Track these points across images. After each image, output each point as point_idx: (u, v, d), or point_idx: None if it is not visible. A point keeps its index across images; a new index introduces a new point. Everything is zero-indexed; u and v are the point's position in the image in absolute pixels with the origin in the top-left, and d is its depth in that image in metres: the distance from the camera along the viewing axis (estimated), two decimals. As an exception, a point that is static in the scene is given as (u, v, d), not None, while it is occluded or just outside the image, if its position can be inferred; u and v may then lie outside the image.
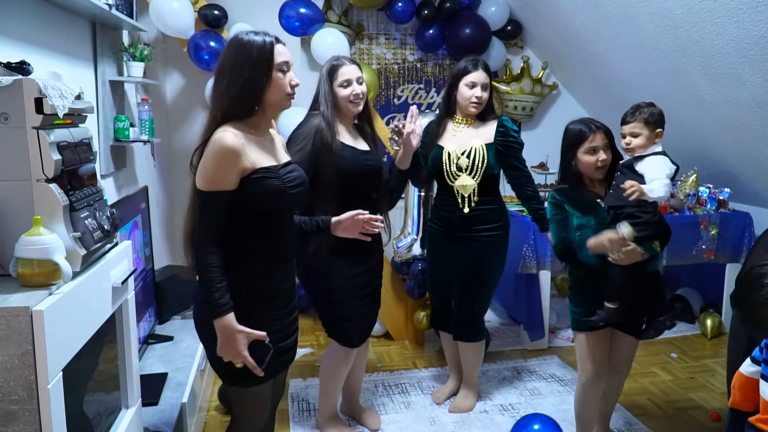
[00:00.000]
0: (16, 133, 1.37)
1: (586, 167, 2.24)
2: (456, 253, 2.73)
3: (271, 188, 1.62)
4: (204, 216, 1.57)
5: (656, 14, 3.09)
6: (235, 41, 1.62)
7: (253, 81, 1.59)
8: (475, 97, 2.62)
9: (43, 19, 2.24)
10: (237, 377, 1.68)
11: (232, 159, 1.55)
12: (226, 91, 1.60)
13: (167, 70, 4.16)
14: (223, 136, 1.55)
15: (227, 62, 1.60)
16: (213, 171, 1.55)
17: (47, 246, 1.33)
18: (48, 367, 1.25)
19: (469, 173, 2.64)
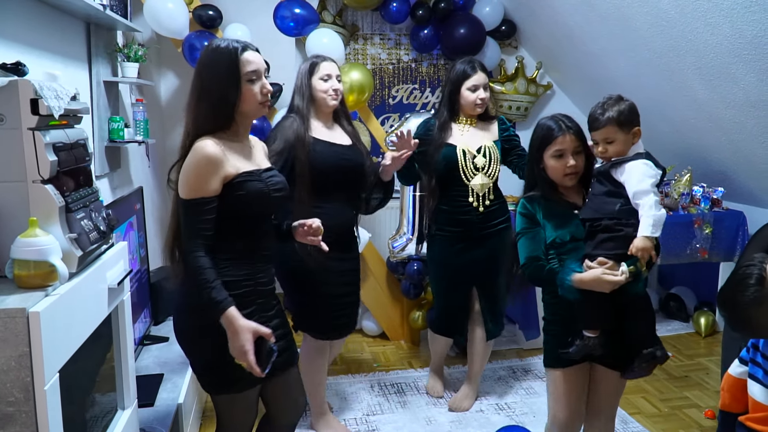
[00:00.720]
0: (12, 134, 1.37)
1: (553, 173, 1.93)
2: (476, 254, 2.72)
3: (255, 191, 1.63)
4: (189, 224, 1.57)
5: (650, 14, 3.10)
6: (206, 52, 1.62)
7: (223, 98, 1.59)
8: (479, 99, 2.68)
9: (38, 19, 2.23)
10: (222, 386, 1.68)
11: (213, 166, 1.56)
12: (198, 107, 1.60)
13: (161, 71, 4.15)
14: (203, 144, 1.56)
15: (198, 75, 1.62)
16: (195, 179, 1.56)
17: (43, 247, 1.33)
18: (44, 369, 1.24)
19: (485, 172, 2.69)
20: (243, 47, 1.61)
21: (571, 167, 1.89)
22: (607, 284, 1.75)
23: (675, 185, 3.82)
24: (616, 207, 1.83)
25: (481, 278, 2.79)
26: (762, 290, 1.51)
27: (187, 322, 1.68)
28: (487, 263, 2.75)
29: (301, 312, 2.53)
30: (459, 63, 2.73)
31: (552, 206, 1.94)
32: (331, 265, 2.40)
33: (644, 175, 1.81)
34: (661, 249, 1.88)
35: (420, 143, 2.56)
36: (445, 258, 2.79)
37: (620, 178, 1.84)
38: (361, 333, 3.86)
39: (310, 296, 2.46)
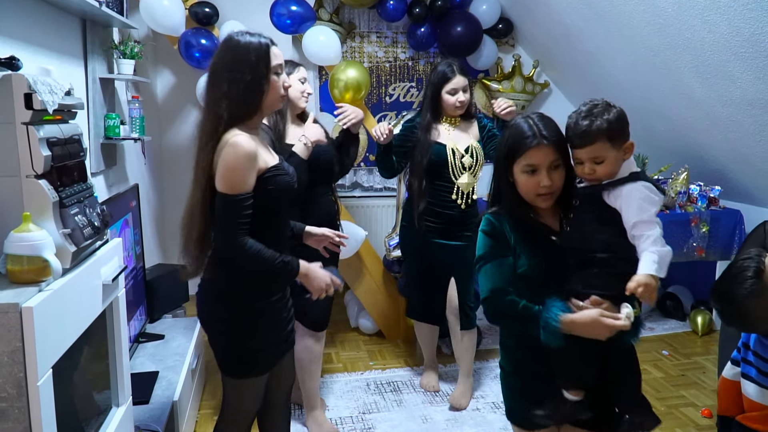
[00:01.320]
0: (5, 128, 1.36)
1: (524, 189, 1.56)
2: (453, 248, 2.81)
3: (283, 184, 1.70)
4: (230, 218, 1.58)
5: (647, 12, 3.10)
6: (231, 43, 1.63)
7: (254, 84, 1.61)
8: (458, 102, 2.75)
9: (33, 15, 2.22)
10: (241, 369, 1.75)
11: (251, 162, 1.59)
12: (228, 94, 1.60)
13: (158, 68, 4.14)
14: (239, 140, 1.57)
15: (225, 64, 1.61)
16: (235, 175, 1.57)
17: (37, 242, 1.32)
18: (38, 365, 1.24)
19: (471, 171, 2.77)
20: (271, 41, 1.67)
21: (545, 187, 1.51)
22: (605, 329, 1.43)
23: (672, 184, 3.83)
24: (609, 237, 1.51)
25: (457, 270, 2.87)
26: (759, 282, 1.50)
27: (212, 310, 1.73)
28: (463, 255, 2.79)
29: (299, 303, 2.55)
30: (440, 65, 2.79)
31: (521, 228, 1.58)
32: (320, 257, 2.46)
33: (646, 203, 1.49)
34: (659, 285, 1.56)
35: (404, 141, 2.77)
36: (422, 247, 2.87)
37: (615, 204, 1.52)
38: (357, 331, 3.85)
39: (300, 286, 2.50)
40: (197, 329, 3.01)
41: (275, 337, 1.78)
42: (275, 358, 1.81)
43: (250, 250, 1.60)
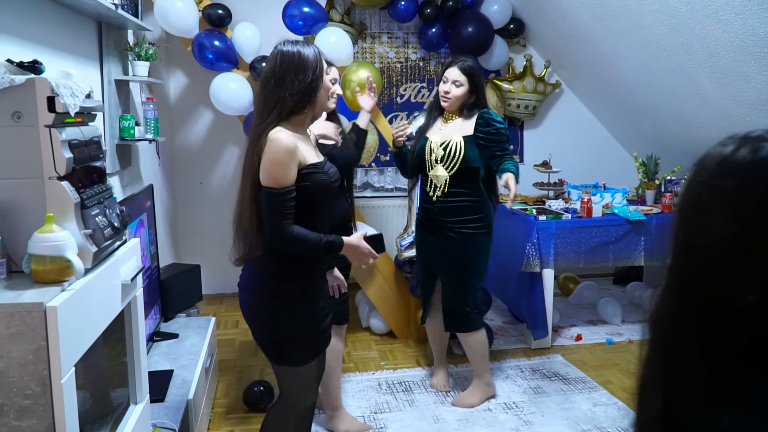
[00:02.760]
0: (29, 131, 1.38)
1: None
2: (438, 243, 2.84)
3: (320, 182, 1.78)
4: (275, 210, 1.69)
5: (660, 12, 3.10)
6: (291, 52, 1.75)
7: (314, 83, 1.76)
8: (443, 91, 2.76)
9: (51, 19, 2.25)
10: (286, 357, 1.83)
11: (292, 156, 1.69)
12: (290, 92, 1.73)
13: (171, 70, 4.17)
14: (279, 137, 1.68)
15: (288, 68, 1.73)
16: (278, 169, 1.68)
17: (59, 243, 1.34)
18: (61, 363, 1.26)
19: (443, 164, 2.76)
20: (319, 49, 1.82)
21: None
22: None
23: (684, 184, 3.81)
24: None
25: (441, 267, 2.88)
26: None
27: (255, 300, 1.82)
28: (448, 255, 2.82)
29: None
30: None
31: None
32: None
33: None
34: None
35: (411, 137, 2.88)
36: (417, 241, 3.01)
37: None
38: (369, 331, 3.87)
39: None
40: (210, 328, 3.04)
41: (317, 327, 1.87)
42: (317, 347, 1.90)
43: (296, 238, 1.71)
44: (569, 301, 4.46)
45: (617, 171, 4.63)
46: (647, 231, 3.60)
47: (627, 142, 4.82)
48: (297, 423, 1.96)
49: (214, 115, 4.19)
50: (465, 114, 2.78)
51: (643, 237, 3.60)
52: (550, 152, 4.15)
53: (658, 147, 4.17)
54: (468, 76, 2.74)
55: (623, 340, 3.77)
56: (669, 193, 3.79)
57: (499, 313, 4.21)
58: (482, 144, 2.71)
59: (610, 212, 3.69)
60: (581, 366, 3.38)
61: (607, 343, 3.74)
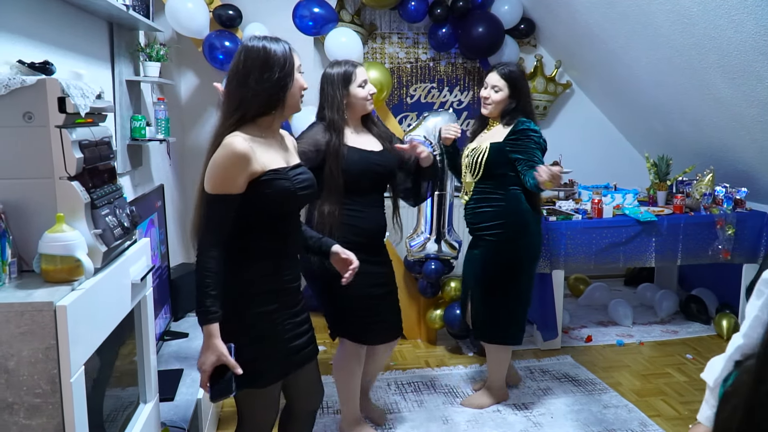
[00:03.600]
0: (40, 131, 1.39)
1: None
2: (472, 254, 2.85)
3: (281, 189, 1.65)
4: (210, 218, 1.59)
5: (672, 12, 3.07)
6: (258, 47, 1.64)
7: (281, 81, 1.63)
8: (483, 96, 2.75)
9: (64, 20, 2.27)
10: (246, 381, 1.67)
11: (240, 163, 1.57)
12: (254, 92, 1.62)
13: (181, 70, 4.19)
14: (232, 141, 1.57)
15: (252, 66, 1.62)
16: (222, 175, 1.57)
17: (70, 243, 1.35)
18: (71, 362, 1.27)
19: (470, 170, 2.76)
20: (290, 45, 1.70)
21: None
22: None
23: (697, 185, 3.78)
24: None
25: (471, 276, 2.87)
26: None
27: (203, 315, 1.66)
28: (477, 264, 2.81)
29: (335, 316, 2.49)
30: None
31: None
32: (362, 267, 2.37)
33: None
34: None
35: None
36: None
37: None
38: (378, 331, 3.87)
39: (342, 300, 2.41)
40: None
41: (277, 348, 1.71)
42: (282, 369, 1.75)
43: (204, 262, 1.57)
44: (579, 303, 4.44)
45: (628, 171, 4.59)
46: (658, 232, 3.57)
47: (638, 143, 4.78)
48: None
49: (224, 115, 4.20)
50: (506, 120, 2.73)
51: (654, 238, 3.57)
52: (561, 153, 4.13)
53: (670, 147, 4.14)
54: (508, 81, 2.69)
55: (634, 341, 3.74)
56: (680, 194, 3.76)
57: (509, 314, 4.19)
58: (509, 150, 2.66)
59: (621, 213, 3.67)
60: (591, 367, 3.36)
61: (617, 344, 3.72)
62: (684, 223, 3.60)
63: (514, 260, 2.75)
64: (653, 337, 3.82)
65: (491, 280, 2.78)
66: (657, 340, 3.79)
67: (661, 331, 3.92)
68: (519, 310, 2.82)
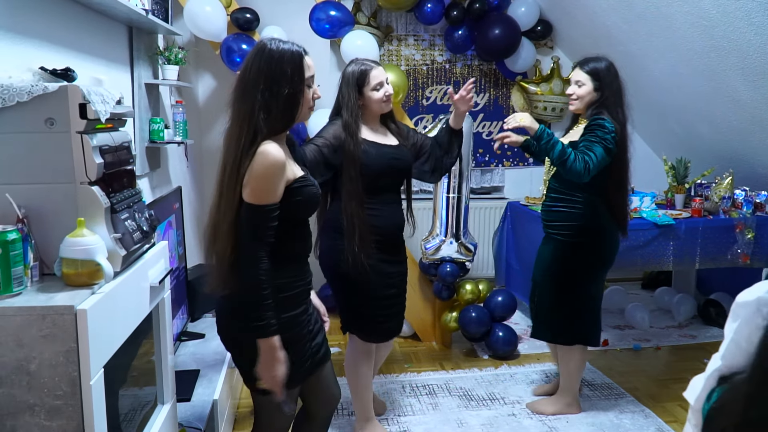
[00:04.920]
0: (61, 137, 1.41)
1: None
2: (543, 246, 2.81)
3: (310, 195, 1.67)
4: (255, 229, 1.56)
5: (691, 14, 3.04)
6: (265, 51, 1.59)
7: (291, 98, 1.59)
8: (567, 93, 2.72)
9: (84, 25, 2.30)
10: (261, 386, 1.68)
11: (281, 172, 1.56)
12: (265, 107, 1.57)
13: (199, 73, 4.23)
14: (268, 149, 1.54)
15: (260, 74, 1.58)
16: (265, 185, 1.55)
17: (90, 247, 1.37)
18: (91, 364, 1.29)
19: (547, 168, 2.75)
20: (304, 50, 1.63)
21: None
22: None
23: (716, 188, 3.74)
24: None
25: (538, 274, 2.83)
26: None
27: (234, 325, 1.69)
28: (542, 262, 2.78)
29: (351, 313, 2.51)
30: None
31: None
32: (381, 267, 2.40)
33: None
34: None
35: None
36: None
37: None
38: (393, 333, 3.87)
39: (360, 298, 2.44)
40: (236, 329, 3.07)
41: (299, 352, 1.72)
42: (303, 374, 1.76)
43: (257, 274, 1.55)
44: (596, 306, 4.40)
45: (646, 174, 4.53)
46: (676, 235, 3.54)
47: (656, 145, 4.74)
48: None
49: (241, 117, 4.23)
50: (589, 115, 2.63)
51: (672, 241, 3.54)
52: (577, 155, 4.10)
53: (688, 150, 4.09)
54: (591, 75, 2.64)
55: (651, 346, 3.71)
56: (699, 197, 3.72)
57: (525, 317, 4.17)
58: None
59: (639, 216, 3.63)
60: (607, 372, 3.34)
61: (634, 348, 3.69)
62: (702, 226, 3.56)
63: (581, 263, 2.69)
64: (671, 342, 3.78)
65: (555, 279, 2.73)
66: (675, 344, 3.75)
67: (678, 336, 3.88)
68: (582, 311, 2.75)
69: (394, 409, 2.93)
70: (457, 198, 3.43)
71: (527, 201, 4.07)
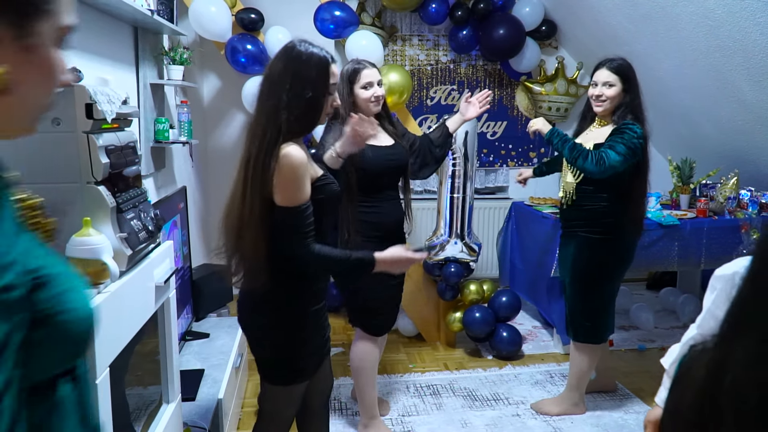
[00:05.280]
0: (68, 137, 1.42)
1: None
2: (563, 251, 2.83)
3: (332, 193, 1.72)
4: (297, 228, 1.60)
5: (696, 14, 3.04)
6: (294, 53, 1.61)
7: (314, 103, 1.62)
8: (594, 95, 2.65)
9: (90, 25, 2.31)
10: (286, 377, 1.77)
11: (306, 171, 1.61)
12: (288, 108, 1.59)
13: (204, 73, 4.24)
14: (291, 152, 1.57)
15: (286, 74, 1.60)
16: (294, 187, 1.59)
17: (96, 246, 1.37)
18: (97, 363, 1.29)
19: (571, 171, 2.70)
20: (332, 58, 1.66)
21: None
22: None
23: (721, 189, 3.72)
24: None
25: (563, 273, 2.87)
26: None
27: (257, 319, 1.75)
28: (566, 260, 2.79)
29: (360, 309, 2.60)
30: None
31: None
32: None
33: None
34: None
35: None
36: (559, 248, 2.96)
37: None
38: (397, 333, 3.87)
39: (368, 293, 2.52)
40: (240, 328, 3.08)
41: (317, 344, 1.80)
42: (317, 365, 1.84)
43: (321, 256, 1.64)
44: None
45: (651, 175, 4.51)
46: (681, 236, 3.53)
47: (661, 146, 4.72)
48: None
49: (246, 117, 4.24)
50: (617, 117, 2.60)
51: (677, 242, 3.52)
52: (582, 155, 4.09)
53: (693, 150, 4.08)
54: (619, 75, 2.59)
55: (656, 346, 3.70)
56: (704, 198, 3.71)
57: (530, 316, 4.17)
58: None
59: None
60: (612, 372, 3.33)
61: (639, 349, 3.68)
62: (707, 227, 3.55)
63: (606, 257, 2.68)
64: (676, 342, 3.76)
65: (575, 276, 2.74)
66: (679, 345, 3.74)
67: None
68: (603, 309, 2.75)
69: (398, 409, 2.93)
70: (461, 198, 3.43)
71: (532, 201, 4.07)
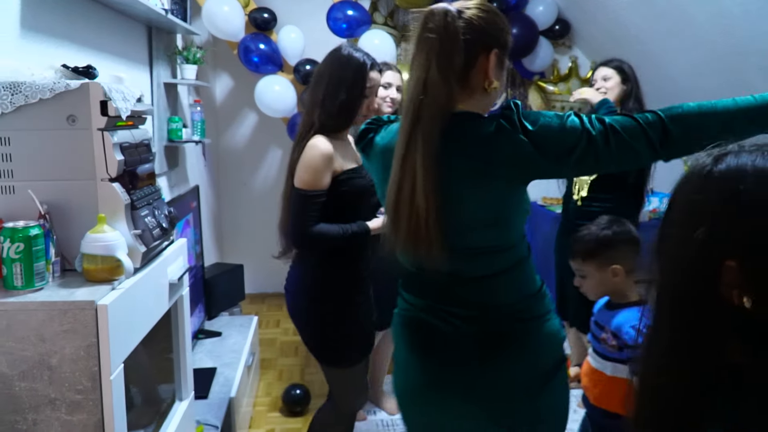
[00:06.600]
0: (83, 134, 1.42)
1: None
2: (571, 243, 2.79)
3: (359, 187, 1.82)
4: (301, 212, 1.75)
5: (712, 13, 3.00)
6: (336, 54, 1.80)
7: (348, 104, 1.79)
8: (595, 89, 2.73)
9: (105, 24, 2.33)
10: (336, 359, 1.86)
11: (326, 163, 1.74)
12: (323, 105, 1.77)
13: (217, 72, 4.25)
14: (316, 142, 1.75)
15: (327, 74, 1.79)
16: (311, 173, 1.74)
17: (111, 243, 1.38)
18: (111, 359, 1.29)
19: None
20: (372, 64, 1.82)
21: None
22: None
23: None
24: None
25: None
26: None
27: (303, 303, 1.87)
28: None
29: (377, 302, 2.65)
30: None
31: None
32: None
33: None
34: None
35: None
36: (557, 238, 2.97)
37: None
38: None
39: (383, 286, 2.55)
40: (253, 327, 3.09)
41: (360, 328, 1.89)
42: (364, 349, 1.93)
43: (316, 233, 1.75)
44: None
45: (665, 175, 4.45)
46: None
47: (676, 146, 4.69)
48: (345, 428, 2.00)
49: (258, 117, 4.25)
50: (623, 109, 2.65)
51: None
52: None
53: (709, 151, 4.04)
54: (615, 69, 2.72)
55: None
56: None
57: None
58: None
59: (657, 217, 3.59)
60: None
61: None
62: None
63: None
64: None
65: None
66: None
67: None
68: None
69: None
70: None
71: (544, 201, 4.04)
